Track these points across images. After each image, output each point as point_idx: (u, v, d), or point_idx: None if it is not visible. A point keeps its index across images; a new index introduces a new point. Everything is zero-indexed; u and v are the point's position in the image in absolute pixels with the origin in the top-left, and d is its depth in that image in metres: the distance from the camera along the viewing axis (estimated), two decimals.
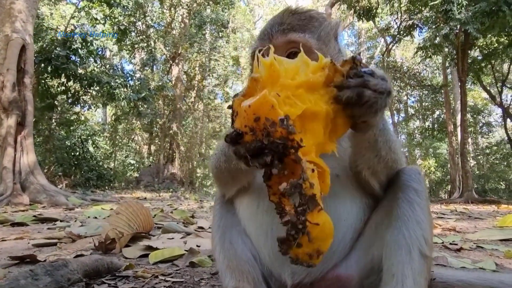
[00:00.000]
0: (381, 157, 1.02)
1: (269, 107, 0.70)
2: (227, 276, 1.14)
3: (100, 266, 1.38)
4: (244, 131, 0.73)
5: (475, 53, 18.88)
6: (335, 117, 0.79)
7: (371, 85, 0.79)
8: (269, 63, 0.77)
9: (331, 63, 0.79)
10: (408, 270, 0.93)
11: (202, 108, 25.65)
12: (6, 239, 2.77)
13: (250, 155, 0.72)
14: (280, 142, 0.70)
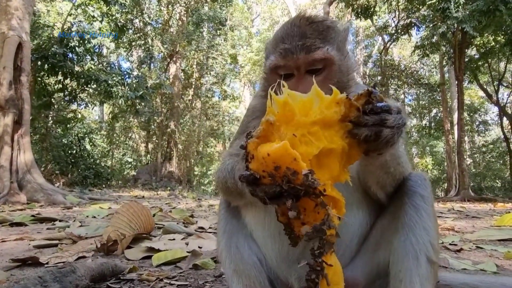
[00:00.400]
0: (389, 173, 1.03)
1: (291, 159, 0.70)
2: (234, 281, 1.15)
3: (105, 269, 1.38)
4: (262, 175, 0.73)
5: (472, 52, 18.98)
6: (349, 149, 0.79)
7: (389, 124, 0.79)
8: (283, 102, 0.76)
9: (347, 98, 0.78)
10: (416, 276, 0.94)
11: (200, 106, 25.60)
12: (6, 240, 2.75)
13: (268, 198, 0.72)
14: (301, 188, 0.70)
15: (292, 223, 0.77)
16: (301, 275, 1.09)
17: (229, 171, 1.05)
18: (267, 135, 0.76)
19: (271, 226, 1.12)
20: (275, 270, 1.17)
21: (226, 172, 1.08)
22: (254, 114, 1.27)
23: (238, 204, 1.22)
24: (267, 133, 0.76)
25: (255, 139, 0.76)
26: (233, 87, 31.04)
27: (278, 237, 1.10)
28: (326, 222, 0.71)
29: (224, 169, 1.10)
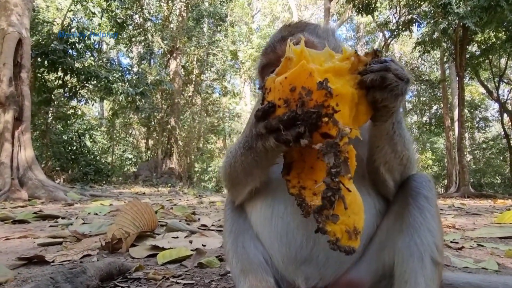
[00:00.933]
0: (397, 152, 1.05)
1: (307, 74, 0.74)
2: (241, 281, 1.16)
3: (112, 269, 1.40)
4: (278, 104, 0.76)
5: (473, 48, 18.93)
6: (358, 104, 0.83)
7: (392, 69, 0.85)
8: (300, 51, 0.81)
9: (355, 53, 0.84)
10: (421, 277, 0.96)
11: (200, 102, 25.56)
12: (10, 237, 2.77)
13: (284, 126, 0.74)
14: (314, 111, 0.72)
15: (303, 194, 0.79)
16: (308, 276, 1.10)
17: (240, 145, 1.06)
18: (284, 71, 0.81)
19: (277, 226, 1.12)
20: (282, 271, 1.17)
21: (236, 149, 1.09)
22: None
23: (243, 193, 1.21)
24: (285, 69, 0.81)
25: (274, 75, 0.81)
26: (234, 83, 30.97)
27: (285, 238, 1.11)
28: (338, 135, 0.72)
29: (233, 149, 1.12)
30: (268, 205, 1.14)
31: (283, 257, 1.13)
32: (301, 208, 0.79)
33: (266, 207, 1.15)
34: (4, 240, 2.66)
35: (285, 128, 0.74)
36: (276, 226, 1.12)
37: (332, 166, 0.72)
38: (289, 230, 1.09)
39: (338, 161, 0.72)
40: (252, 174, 1.09)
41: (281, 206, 1.11)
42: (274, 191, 1.13)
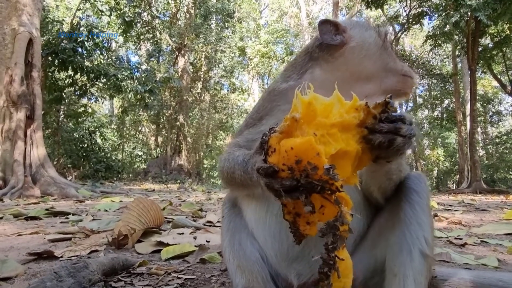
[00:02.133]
0: (392, 180, 1.09)
1: (314, 153, 0.74)
2: (238, 276, 1.20)
3: (116, 264, 1.45)
4: (281, 168, 0.77)
5: (486, 41, 18.49)
6: (362, 154, 0.83)
7: (402, 132, 0.84)
8: (308, 102, 0.81)
9: (366, 106, 0.83)
10: (409, 270, 0.98)
11: (209, 99, 25.67)
12: (22, 233, 2.86)
13: (284, 191, 0.76)
14: (318, 184, 0.73)
15: (298, 222, 0.81)
16: (300, 272, 1.13)
17: (239, 163, 1.05)
18: (290, 131, 0.80)
19: (271, 225, 1.16)
20: (276, 267, 1.21)
21: (235, 163, 1.08)
22: (284, 97, 1.27)
23: (239, 194, 1.25)
24: (291, 129, 0.80)
25: (278, 134, 0.80)
26: (242, 79, 30.99)
27: (278, 235, 1.14)
28: (339, 219, 0.74)
29: (233, 159, 1.11)
30: (263, 204, 1.17)
31: (276, 253, 1.16)
32: (294, 236, 0.82)
33: (261, 206, 1.18)
34: (17, 236, 2.76)
35: (286, 192, 0.76)
36: (270, 224, 1.16)
37: (329, 243, 0.75)
38: (282, 228, 1.12)
39: (336, 239, 0.75)
40: (248, 189, 1.10)
41: (275, 205, 1.13)
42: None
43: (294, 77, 1.31)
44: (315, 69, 1.28)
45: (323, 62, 1.28)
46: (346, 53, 1.25)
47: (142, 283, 1.42)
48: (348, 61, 1.25)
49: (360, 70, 1.24)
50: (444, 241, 2.47)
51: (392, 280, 1.00)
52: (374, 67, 1.25)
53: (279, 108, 1.25)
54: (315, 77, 1.26)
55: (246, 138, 1.23)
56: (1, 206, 5.49)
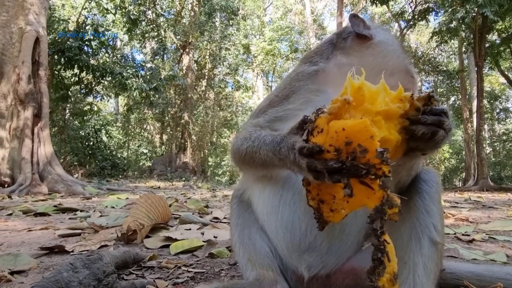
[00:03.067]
0: (410, 176, 1.10)
1: (367, 136, 0.74)
2: (248, 269, 1.21)
3: (127, 257, 1.48)
4: (327, 149, 0.77)
5: (493, 37, 18.28)
6: (400, 145, 0.84)
7: (445, 126, 0.86)
8: (358, 87, 0.81)
9: (411, 98, 0.84)
10: (419, 257, 0.99)
11: (213, 97, 25.71)
12: (32, 229, 2.91)
13: (327, 171, 0.76)
14: (364, 168, 0.73)
15: (321, 208, 0.82)
16: (310, 264, 1.14)
17: (268, 143, 1.02)
18: (339, 113, 0.80)
19: (284, 215, 1.16)
20: (286, 260, 1.22)
21: (261, 143, 1.06)
22: (312, 78, 1.31)
23: (253, 175, 1.26)
24: (340, 111, 0.80)
25: (328, 115, 0.80)
26: (246, 77, 30.98)
27: (291, 226, 1.14)
28: (387, 202, 0.74)
29: (257, 139, 1.08)
30: (277, 191, 1.17)
31: (287, 244, 1.17)
32: (318, 222, 0.83)
33: (274, 194, 1.18)
34: (27, 232, 2.80)
35: (329, 174, 0.76)
36: (282, 213, 1.16)
37: (378, 229, 0.75)
38: (295, 218, 1.13)
39: (383, 223, 0.75)
40: (268, 169, 1.11)
41: (289, 194, 1.14)
42: (284, 178, 1.16)
43: (322, 61, 1.36)
44: (342, 56, 1.35)
45: (347, 51, 1.35)
46: (372, 46, 1.34)
47: (154, 276, 1.45)
48: (373, 54, 1.32)
49: (381, 65, 1.27)
50: (451, 238, 2.47)
51: (402, 268, 1.00)
52: (393, 65, 1.31)
53: (307, 87, 1.27)
54: (342, 63, 1.32)
55: (270, 118, 1.24)
56: (10, 203, 5.57)
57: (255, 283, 1.13)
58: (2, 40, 8.87)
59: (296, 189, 1.12)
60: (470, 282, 1.26)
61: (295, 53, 29.66)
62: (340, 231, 1.11)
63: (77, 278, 0.94)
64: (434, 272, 1.00)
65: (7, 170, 8.48)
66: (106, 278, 1.03)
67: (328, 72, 1.31)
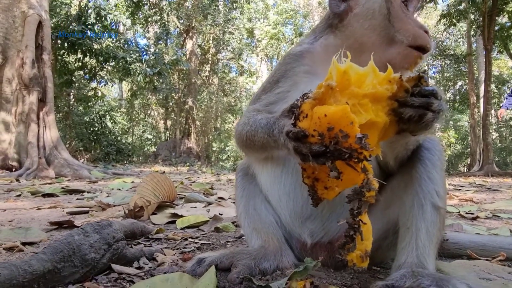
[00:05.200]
0: (409, 150, 1.09)
1: (348, 122, 0.75)
2: (254, 237, 1.24)
3: (135, 229, 1.51)
4: (311, 134, 0.79)
5: (503, 19, 17.82)
6: (388, 126, 0.85)
7: (433, 108, 0.84)
8: (343, 71, 0.81)
9: (399, 80, 0.83)
10: (421, 222, 1.00)
11: (217, 82, 25.56)
12: (41, 207, 2.97)
13: (312, 155, 0.78)
14: (346, 151, 0.75)
15: (316, 186, 0.85)
16: (312, 231, 1.17)
17: (262, 126, 1.05)
18: (324, 98, 0.81)
19: (286, 183, 1.18)
20: (289, 228, 1.24)
21: (257, 126, 1.09)
22: (299, 59, 1.27)
23: (257, 157, 1.27)
24: (325, 96, 0.81)
25: (312, 100, 0.82)
26: (250, 62, 30.68)
27: (293, 193, 1.17)
28: (366, 186, 0.76)
29: (254, 122, 1.11)
30: (279, 163, 1.20)
31: (291, 212, 1.19)
32: (312, 199, 0.86)
33: (276, 166, 1.21)
34: (36, 210, 2.86)
35: (313, 157, 0.78)
36: (285, 183, 1.18)
37: (355, 209, 0.78)
38: (297, 186, 1.15)
39: (361, 205, 0.77)
40: (268, 151, 1.12)
41: (291, 163, 1.16)
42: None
43: (309, 41, 1.31)
44: (329, 35, 1.28)
45: (336, 29, 1.26)
46: (351, 21, 1.22)
47: (161, 245, 1.48)
48: (354, 29, 1.21)
49: (365, 39, 1.19)
50: (455, 215, 2.48)
51: (405, 234, 1.02)
52: (379, 36, 1.17)
53: (294, 70, 1.25)
54: (328, 43, 1.26)
55: (264, 103, 1.24)
56: (18, 185, 5.67)
57: (260, 250, 1.15)
58: (5, 24, 8.83)
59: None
60: (473, 251, 1.28)
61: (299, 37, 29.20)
62: (341, 197, 1.12)
63: (88, 242, 0.97)
64: (437, 237, 1.01)
65: (14, 154, 8.59)
66: (116, 243, 1.05)
67: (314, 53, 1.27)
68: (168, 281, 0.93)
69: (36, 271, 0.82)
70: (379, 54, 1.15)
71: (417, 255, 0.96)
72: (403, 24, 1.16)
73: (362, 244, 0.78)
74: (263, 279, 1.06)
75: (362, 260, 0.78)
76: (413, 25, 1.17)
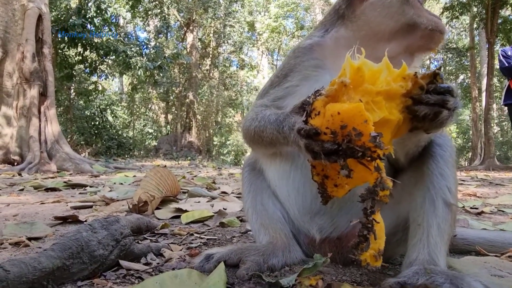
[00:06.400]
0: (420, 147, 1.07)
1: (362, 120, 0.74)
2: (261, 233, 1.23)
3: (141, 224, 1.51)
4: (323, 132, 0.78)
5: (507, 12, 17.66)
6: (402, 124, 0.83)
7: (449, 105, 0.82)
8: (357, 68, 0.79)
9: (414, 76, 0.81)
10: (433, 219, 0.99)
11: (218, 76, 25.46)
12: (45, 202, 2.97)
13: (324, 153, 0.77)
14: (359, 150, 0.74)
15: (326, 184, 0.84)
16: (321, 227, 1.16)
17: (272, 122, 1.04)
18: (337, 95, 0.80)
19: (295, 178, 1.17)
20: (298, 223, 1.23)
21: (266, 122, 1.07)
22: (308, 53, 1.24)
23: (265, 153, 1.26)
24: (338, 94, 0.80)
25: (325, 97, 0.80)
26: (251, 56, 30.51)
27: (302, 189, 1.16)
28: (380, 185, 0.75)
29: (263, 118, 1.10)
30: (288, 159, 1.18)
31: (299, 208, 1.18)
32: (322, 196, 0.85)
33: (285, 161, 1.19)
34: (40, 204, 2.86)
35: (325, 155, 0.77)
36: (294, 178, 1.17)
37: (368, 208, 0.77)
38: (306, 181, 1.13)
39: (374, 204, 0.76)
40: (277, 147, 1.11)
41: (300, 158, 1.15)
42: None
43: (319, 34, 1.28)
44: (340, 27, 1.24)
45: (348, 20, 1.23)
46: (366, 10, 1.19)
47: (167, 241, 1.48)
48: (369, 19, 1.19)
49: (382, 27, 1.17)
50: (460, 210, 2.47)
51: (416, 230, 1.01)
52: (397, 23, 1.16)
53: (303, 64, 1.22)
54: (340, 35, 1.23)
55: (272, 97, 1.22)
56: (21, 180, 5.68)
57: (268, 246, 1.15)
58: (5, 18, 8.77)
59: None
60: (481, 247, 1.27)
61: (301, 30, 29.03)
62: (350, 193, 1.11)
63: (96, 238, 0.96)
64: (448, 233, 1.00)
65: (16, 149, 8.59)
66: (124, 239, 1.05)
67: (325, 46, 1.24)
68: (177, 277, 0.93)
69: (46, 268, 0.82)
70: (396, 40, 1.17)
71: (428, 252, 0.95)
72: (421, 11, 1.19)
73: (375, 243, 0.78)
74: (272, 275, 1.06)
75: (375, 259, 0.77)
76: (426, 12, 1.21)
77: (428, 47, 1.19)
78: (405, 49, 1.17)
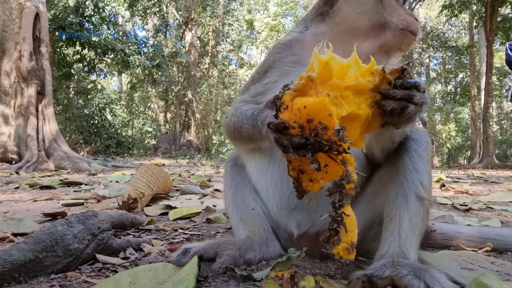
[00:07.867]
0: (395, 142, 1.08)
1: (326, 114, 0.75)
2: (240, 228, 1.24)
3: (124, 219, 1.52)
4: (292, 126, 0.78)
5: (506, 10, 17.63)
6: (371, 118, 0.84)
7: (415, 100, 0.84)
8: (325, 62, 0.80)
9: (382, 71, 0.82)
10: (404, 212, 1.00)
11: (217, 74, 25.45)
12: (38, 199, 2.99)
13: (292, 147, 0.78)
14: (326, 144, 0.75)
15: (301, 178, 0.84)
16: (299, 222, 1.17)
17: (248, 117, 1.06)
18: (304, 90, 0.80)
19: (273, 174, 1.19)
20: (277, 218, 1.25)
21: (243, 117, 1.09)
22: (287, 49, 1.26)
23: (245, 148, 1.28)
24: (305, 88, 0.80)
25: (292, 92, 0.81)
26: (250, 54, 30.48)
27: (280, 184, 1.17)
28: (346, 178, 0.76)
29: (240, 114, 1.12)
30: (267, 154, 1.20)
31: (278, 203, 1.19)
32: (297, 191, 0.85)
33: (264, 156, 1.21)
34: (32, 202, 2.87)
35: (294, 149, 0.78)
36: (272, 173, 1.19)
37: (336, 201, 0.77)
38: (284, 177, 1.15)
39: (342, 197, 0.77)
40: (255, 142, 1.13)
41: (277, 154, 1.16)
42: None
43: (299, 30, 1.30)
44: (320, 24, 1.26)
45: (326, 17, 1.25)
46: (343, 6, 1.22)
47: (150, 236, 1.49)
48: (345, 15, 1.21)
49: (358, 24, 1.19)
50: (448, 207, 2.48)
51: (388, 224, 1.02)
52: (370, 21, 1.18)
53: (282, 59, 1.24)
54: (318, 31, 1.25)
55: (252, 93, 1.24)
56: (18, 178, 5.69)
57: (246, 240, 1.16)
58: (2, 16, 8.77)
59: None
60: (460, 242, 1.28)
61: None
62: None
63: (72, 232, 0.98)
64: (420, 227, 1.01)
65: (13, 147, 8.61)
66: (101, 233, 1.06)
67: (304, 42, 1.25)
68: (151, 270, 0.94)
69: (17, 261, 0.83)
70: (371, 38, 1.19)
71: (399, 245, 0.96)
72: (395, 10, 1.20)
73: (347, 236, 0.78)
74: (248, 269, 1.07)
75: (348, 252, 0.78)
76: (403, 11, 1.21)
77: (399, 47, 1.19)
78: (380, 48, 1.18)
